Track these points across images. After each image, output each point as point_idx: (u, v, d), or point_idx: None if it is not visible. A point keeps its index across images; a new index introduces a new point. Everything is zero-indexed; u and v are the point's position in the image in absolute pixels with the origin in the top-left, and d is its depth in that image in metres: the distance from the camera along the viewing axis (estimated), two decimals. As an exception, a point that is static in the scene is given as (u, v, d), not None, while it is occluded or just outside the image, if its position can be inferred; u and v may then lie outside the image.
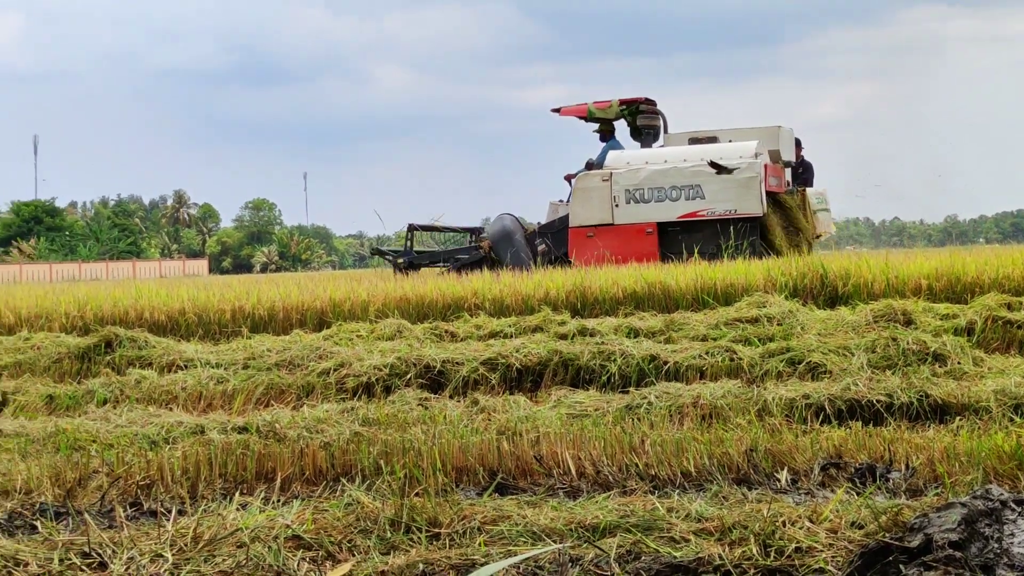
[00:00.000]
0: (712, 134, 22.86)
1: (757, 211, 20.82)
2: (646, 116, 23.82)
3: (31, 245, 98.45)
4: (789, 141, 22.95)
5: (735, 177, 20.78)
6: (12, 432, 7.30)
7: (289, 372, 9.71)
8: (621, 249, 20.91)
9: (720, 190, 20.98)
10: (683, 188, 21.29)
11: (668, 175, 21.41)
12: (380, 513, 4.47)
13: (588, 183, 22.00)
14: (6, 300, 15.44)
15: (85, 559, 4.02)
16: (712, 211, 21.06)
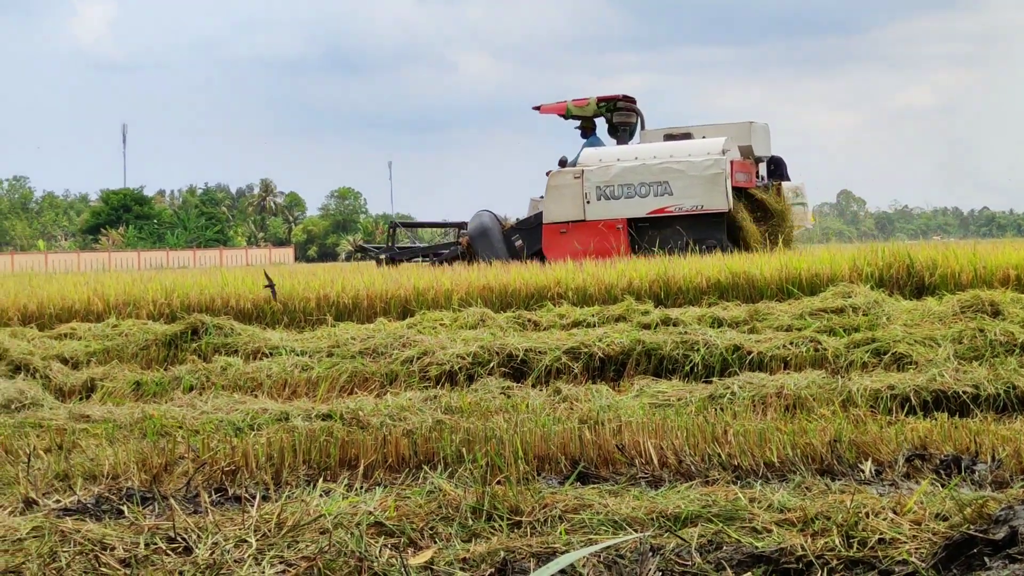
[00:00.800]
0: (687, 130, 23.44)
1: (723, 207, 21.25)
2: (622, 113, 24.49)
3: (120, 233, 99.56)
4: (763, 136, 23.35)
5: (701, 173, 21.20)
6: (100, 418, 7.39)
7: (373, 360, 9.76)
8: (593, 244, 21.65)
9: (687, 186, 21.49)
10: (652, 185, 21.82)
11: (637, 172, 21.97)
12: (462, 500, 4.49)
13: (561, 180, 22.55)
14: (95, 288, 15.63)
15: (170, 543, 4.06)
16: (680, 207, 21.53)
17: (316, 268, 25.31)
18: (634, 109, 24.74)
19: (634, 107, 24.75)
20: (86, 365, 10.63)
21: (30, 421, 7.37)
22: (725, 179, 21.25)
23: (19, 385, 8.58)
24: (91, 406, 8.08)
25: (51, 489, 5.39)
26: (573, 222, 22.41)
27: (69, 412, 7.69)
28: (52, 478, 5.61)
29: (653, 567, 3.88)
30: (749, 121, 23.03)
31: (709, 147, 21.74)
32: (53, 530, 4.12)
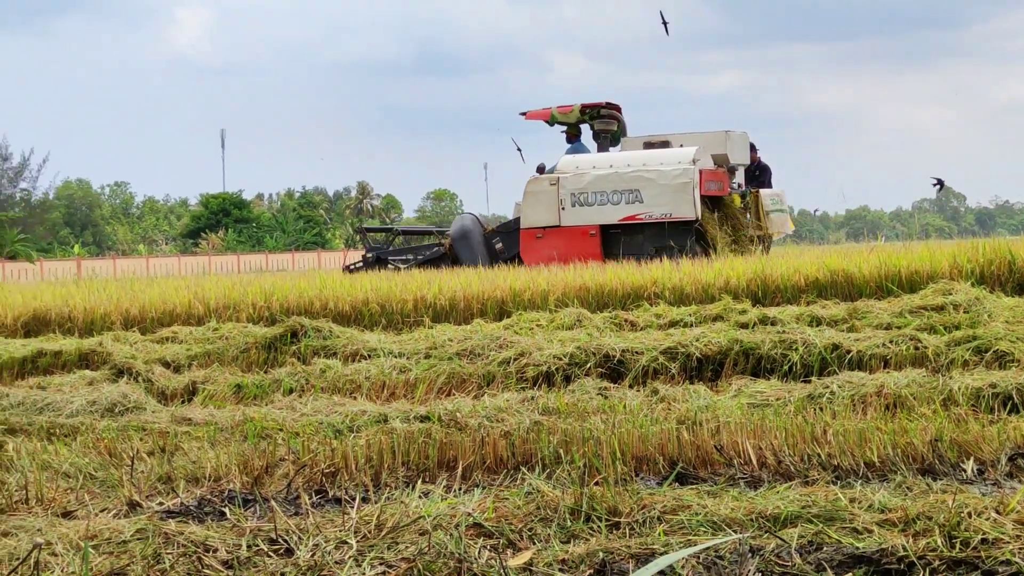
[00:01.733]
0: (665, 138, 23.68)
1: (691, 215, 21.73)
2: (603, 120, 24.86)
3: (219, 237, 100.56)
4: (740, 145, 23.71)
5: (670, 182, 21.78)
6: (202, 420, 7.47)
7: (470, 361, 9.78)
8: (567, 250, 21.94)
9: (656, 195, 22.01)
10: (624, 192, 22.34)
11: (610, 180, 22.45)
12: (560, 502, 4.49)
13: (538, 187, 23.10)
14: (196, 291, 15.81)
15: (272, 545, 4.10)
16: (650, 214, 22.10)
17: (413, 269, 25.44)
18: (616, 116, 25.04)
19: (617, 114, 25.08)
20: (187, 368, 10.75)
21: (133, 424, 7.47)
22: (693, 188, 21.75)
23: (122, 389, 8.70)
24: (193, 409, 8.17)
25: (154, 492, 5.46)
26: (549, 227, 23.01)
27: (171, 415, 7.78)
28: (155, 481, 5.68)
29: (753, 568, 3.86)
30: (726, 130, 23.28)
31: (680, 156, 22.27)
32: (157, 532, 4.17)
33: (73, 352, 11.51)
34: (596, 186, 22.56)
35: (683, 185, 21.77)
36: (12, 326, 15.29)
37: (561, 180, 22.90)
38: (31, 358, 11.66)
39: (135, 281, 20.82)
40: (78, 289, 17.91)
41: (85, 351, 11.48)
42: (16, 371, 11.45)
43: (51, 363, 11.46)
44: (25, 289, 19.14)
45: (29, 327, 15.28)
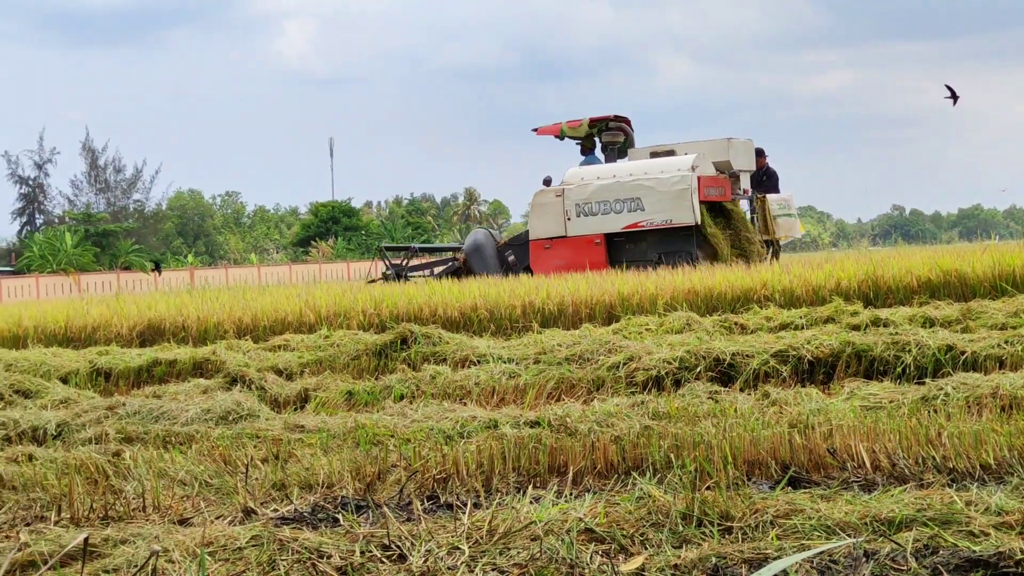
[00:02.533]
0: (671, 148, 24.18)
1: (690, 220, 22.23)
2: (610, 133, 25.51)
3: (329, 245, 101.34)
4: (744, 151, 24.21)
5: (669, 189, 22.37)
6: (314, 427, 7.54)
7: (579, 366, 9.78)
8: (574, 259, 22.69)
9: (657, 202, 22.57)
10: (625, 201, 22.96)
11: (612, 189, 23.09)
12: (671, 507, 4.48)
13: (544, 199, 23.87)
14: (307, 299, 15.95)
15: (385, 551, 4.13)
16: (651, 221, 22.65)
17: (521, 275, 25.53)
18: (623, 128, 25.62)
19: (622, 126, 25.64)
20: (299, 376, 10.84)
21: (247, 432, 7.55)
22: (692, 194, 22.23)
23: (236, 396, 8.79)
24: (305, 416, 8.25)
25: (268, 498, 5.52)
26: (556, 238, 23.68)
27: (284, 422, 7.85)
28: (269, 487, 5.74)
29: (867, 572, 3.82)
30: (728, 138, 23.82)
31: (679, 164, 22.74)
32: (271, 539, 4.22)
33: (187, 361, 11.66)
34: (599, 196, 23.18)
35: (682, 192, 22.30)
36: (128, 336, 15.53)
37: (566, 191, 23.54)
38: (147, 367, 11.84)
39: (247, 290, 21.06)
40: (191, 299, 18.14)
41: (199, 360, 11.63)
42: (132, 380, 11.63)
43: (166, 372, 11.62)
44: (140, 299, 19.42)
45: (144, 337, 15.51)
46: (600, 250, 23.01)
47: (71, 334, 16.26)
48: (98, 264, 76.33)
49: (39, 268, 72.65)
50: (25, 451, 6.98)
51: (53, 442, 7.79)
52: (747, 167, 24.24)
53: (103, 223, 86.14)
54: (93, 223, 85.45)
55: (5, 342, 16.59)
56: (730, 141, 23.79)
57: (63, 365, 12.18)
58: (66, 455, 6.80)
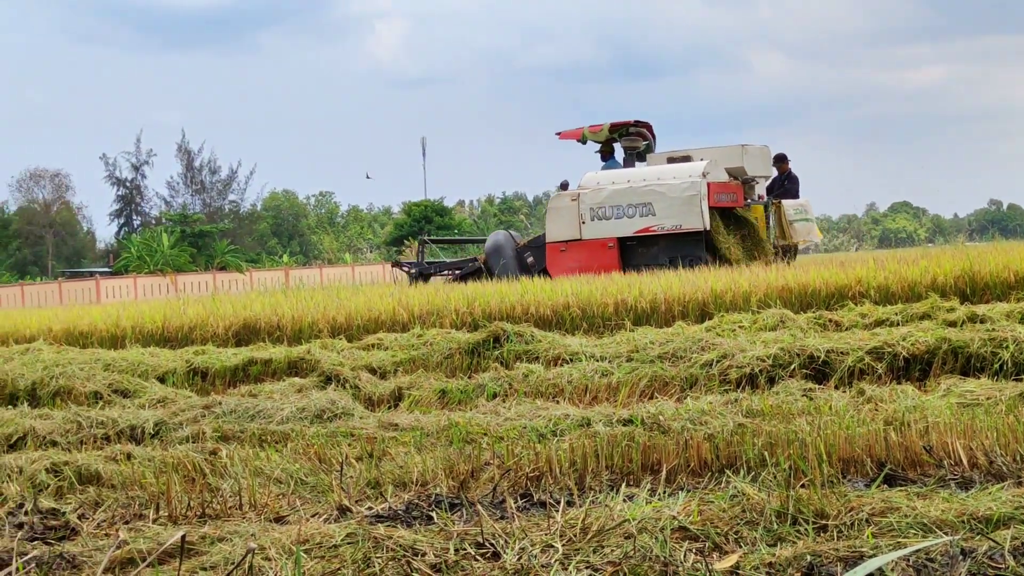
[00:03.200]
0: (687, 153, 24.83)
1: (699, 226, 22.72)
2: (630, 138, 26.12)
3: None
4: (760, 158, 24.71)
5: (680, 195, 22.87)
6: (408, 426, 7.57)
7: (672, 364, 9.74)
8: (588, 262, 23.32)
9: (667, 207, 23.11)
10: (638, 206, 23.47)
11: (625, 194, 23.59)
12: (766, 505, 4.46)
13: (560, 203, 24.50)
14: (400, 298, 16.03)
15: (479, 549, 4.15)
16: (662, 226, 23.17)
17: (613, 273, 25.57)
18: (643, 134, 26.15)
19: (642, 131, 26.17)
20: (393, 374, 10.89)
21: (341, 430, 7.60)
22: (701, 200, 22.69)
23: (330, 395, 8.85)
24: (399, 414, 8.29)
25: (363, 496, 5.55)
26: (571, 241, 24.24)
27: (378, 421, 7.90)
28: (364, 485, 5.78)
29: (964, 571, 3.78)
30: (743, 144, 24.31)
31: (690, 170, 23.22)
32: (366, 537, 4.24)
33: (282, 360, 11.76)
34: (613, 200, 23.69)
35: (691, 197, 22.73)
36: (224, 336, 15.69)
37: (581, 196, 24.04)
38: (242, 366, 11.95)
39: (341, 289, 21.20)
40: (286, 298, 18.29)
41: (294, 359, 11.72)
42: (228, 379, 11.75)
43: (261, 371, 11.72)
44: (236, 299, 19.61)
45: (240, 336, 15.66)
46: (613, 253, 23.64)
47: (168, 334, 16.46)
48: (194, 264, 77.22)
49: (137, 269, 73.61)
50: (124, 450, 7.07)
51: (151, 441, 7.89)
52: (762, 173, 24.73)
53: (199, 224, 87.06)
54: (189, 224, 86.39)
55: (104, 342, 16.83)
56: (744, 148, 24.28)
57: (160, 365, 12.33)
58: (164, 454, 6.88)
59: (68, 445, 7.85)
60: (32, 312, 24.32)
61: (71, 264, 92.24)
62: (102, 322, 17.79)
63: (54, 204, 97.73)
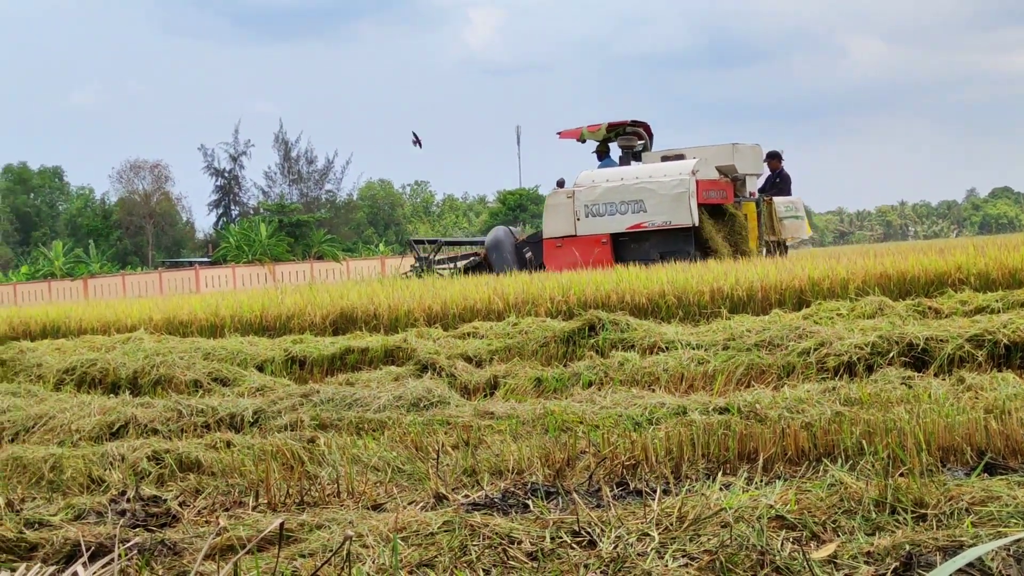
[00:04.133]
0: (680, 152, 25.76)
1: (688, 222, 23.50)
2: (626, 137, 26.96)
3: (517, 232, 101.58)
4: (751, 156, 25.56)
5: (669, 192, 23.67)
6: (504, 414, 7.59)
7: (769, 352, 9.69)
8: (583, 257, 24.19)
9: (657, 204, 23.93)
10: (630, 203, 24.30)
11: (618, 191, 24.45)
12: (864, 494, 4.43)
13: (556, 200, 25.34)
14: (495, 287, 16.06)
15: (575, 537, 4.15)
16: (652, 222, 23.96)
17: (710, 261, 25.48)
18: (639, 133, 27.15)
19: (638, 131, 27.19)
20: (489, 363, 10.92)
21: (438, 418, 7.63)
22: (690, 197, 23.48)
23: (426, 383, 8.89)
24: (494, 403, 8.30)
25: (459, 484, 5.58)
26: (566, 237, 25.09)
27: (474, 409, 7.92)
28: (460, 473, 5.81)
29: (1067, 562, 3.74)
30: (734, 143, 25.24)
31: (680, 168, 24.06)
32: (463, 524, 4.26)
33: (379, 349, 11.83)
34: (606, 198, 24.53)
35: (680, 194, 23.52)
36: (321, 324, 15.82)
37: (576, 193, 24.91)
38: (339, 355, 12.04)
39: (437, 278, 21.29)
40: (382, 288, 18.39)
41: (390, 347, 11.79)
42: (326, 368, 11.85)
43: (358, 360, 11.80)
44: (333, 289, 19.75)
45: (337, 325, 15.78)
46: (607, 249, 24.45)
47: (266, 323, 16.61)
48: (291, 254, 77.83)
49: (235, 258, 74.31)
50: (223, 438, 7.15)
51: (250, 429, 7.97)
52: (753, 171, 25.57)
53: (296, 213, 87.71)
54: (286, 213, 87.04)
55: (204, 331, 17.02)
56: (735, 146, 25.18)
57: (259, 353, 12.45)
58: (263, 441, 6.95)
59: (169, 433, 7.95)
60: (133, 302, 24.63)
61: (171, 254, 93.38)
62: (202, 311, 18.00)
63: (154, 195, 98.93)
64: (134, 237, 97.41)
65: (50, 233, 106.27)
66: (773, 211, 25.21)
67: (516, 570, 3.94)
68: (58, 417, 8.67)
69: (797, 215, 25.91)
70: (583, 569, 3.87)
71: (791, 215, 25.61)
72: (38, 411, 8.97)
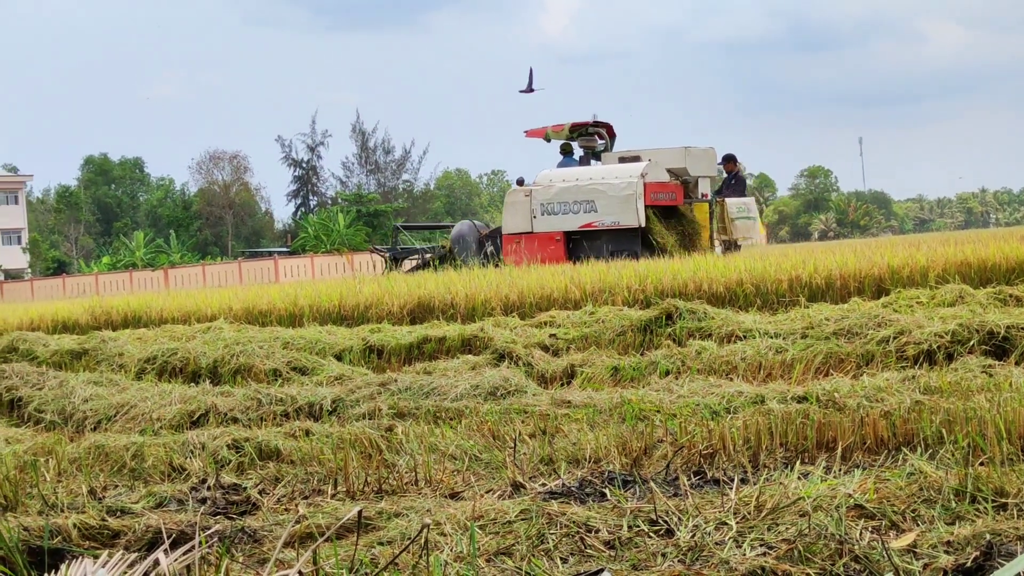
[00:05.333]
0: (637, 153, 27.01)
1: (634, 223, 24.83)
2: (587, 138, 28.31)
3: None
4: (703, 159, 26.84)
5: (618, 194, 25.00)
6: (580, 403, 7.59)
7: (847, 340, 9.62)
8: (538, 253, 25.37)
9: (607, 204, 25.27)
10: (583, 203, 25.66)
11: (571, 192, 25.86)
12: (943, 483, 4.40)
13: (515, 198, 26.82)
14: (572, 276, 16.06)
15: (652, 526, 4.15)
16: (602, 222, 25.33)
17: (787, 249, 25.33)
18: (600, 134, 28.46)
19: (602, 132, 28.50)
20: (565, 352, 10.92)
21: (515, 407, 7.65)
22: (637, 199, 24.79)
23: (503, 372, 8.91)
24: (571, 392, 8.31)
25: (536, 473, 5.59)
26: (524, 233, 26.48)
27: (551, 398, 7.92)
28: (537, 462, 5.82)
29: None
30: (686, 147, 26.61)
31: (630, 171, 25.37)
32: (540, 513, 4.28)
33: (456, 338, 11.86)
34: (561, 197, 25.94)
35: (628, 196, 24.85)
36: (399, 314, 15.88)
37: (533, 192, 26.40)
38: (417, 344, 12.08)
39: (513, 267, 21.33)
40: (459, 277, 18.43)
41: (467, 337, 11.81)
42: (403, 357, 11.89)
43: (436, 349, 11.84)
44: (410, 278, 19.83)
45: (414, 314, 15.83)
46: (560, 246, 25.81)
47: (344, 312, 16.71)
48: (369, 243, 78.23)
49: (313, 248, 74.70)
50: (302, 426, 7.20)
51: (329, 417, 8.02)
52: (706, 173, 26.88)
53: (374, 203, 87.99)
54: (364, 203, 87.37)
55: (283, 320, 17.15)
56: (687, 149, 26.51)
57: (337, 343, 12.52)
58: (341, 430, 6.99)
59: (248, 422, 8.02)
60: (213, 291, 24.85)
61: (250, 244, 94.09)
62: (280, 301, 18.13)
63: (233, 185, 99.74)
64: (214, 227, 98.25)
65: (131, 223, 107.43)
66: (726, 212, 26.27)
67: (593, 558, 3.95)
68: (140, 406, 8.78)
69: (749, 216, 27.06)
70: (660, 558, 3.87)
71: (743, 216, 26.74)
72: (120, 400, 9.09)
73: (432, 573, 3.77)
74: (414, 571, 3.82)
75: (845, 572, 3.70)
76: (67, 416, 9.21)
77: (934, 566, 3.71)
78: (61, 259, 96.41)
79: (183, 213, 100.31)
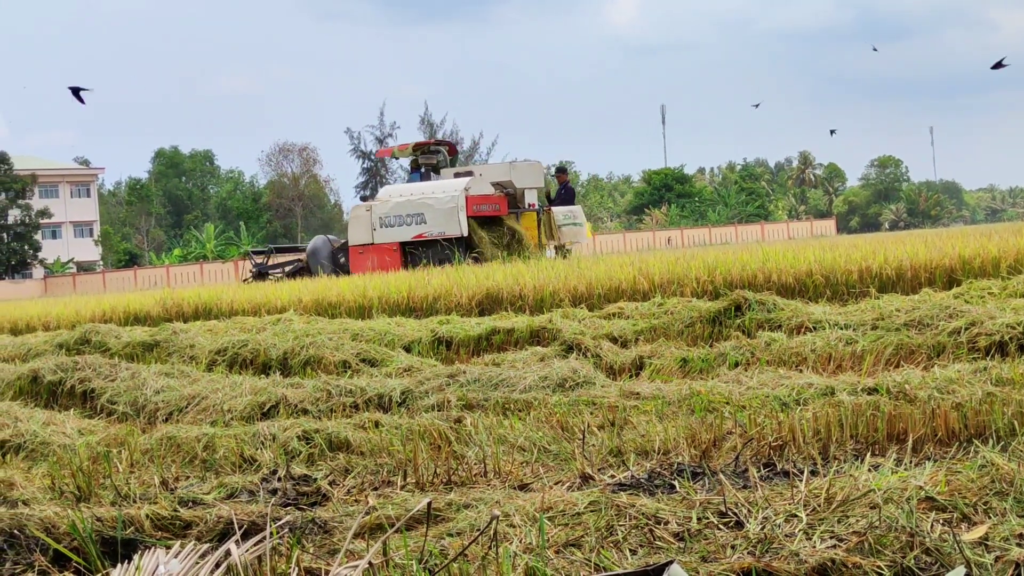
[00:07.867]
0: (470, 169, 30.76)
1: (457, 232, 27.86)
2: (426, 156, 31.65)
3: (663, 212, 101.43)
4: (529, 172, 29.98)
5: (443, 207, 28.01)
6: (649, 394, 7.58)
7: (918, 332, 9.55)
8: (379, 262, 28.47)
9: (434, 217, 28.27)
10: (414, 216, 28.62)
11: (405, 206, 28.88)
12: (1016, 475, 4.36)
13: (359, 212, 30.09)
14: (640, 267, 16.03)
15: (722, 518, 4.15)
16: (431, 233, 28.32)
17: (857, 239, 25.14)
18: (441, 151, 31.95)
19: (442, 150, 32.08)
20: (634, 343, 10.90)
21: (583, 399, 7.65)
22: (460, 211, 27.78)
23: (572, 364, 8.91)
24: (640, 383, 8.29)
25: (605, 465, 5.60)
26: (366, 245, 29.57)
27: (619, 389, 7.92)
28: (606, 454, 5.82)
29: None
30: (511, 161, 30.31)
31: (455, 186, 28.48)
32: (609, 504, 4.28)
33: (524, 329, 11.87)
34: (396, 211, 28.94)
35: (451, 209, 27.83)
36: (467, 305, 15.92)
37: (373, 207, 29.57)
38: (485, 336, 12.10)
39: (581, 259, 21.33)
40: (528, 268, 18.45)
41: (536, 328, 11.82)
42: (472, 348, 11.92)
43: (504, 340, 11.85)
44: (479, 270, 19.87)
45: (483, 306, 15.87)
46: (397, 255, 28.64)
47: (413, 304, 16.77)
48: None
49: (382, 240, 74.89)
50: (372, 418, 7.23)
51: (398, 409, 8.05)
52: (533, 185, 29.99)
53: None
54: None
55: (352, 312, 17.24)
56: (512, 164, 30.02)
57: (406, 334, 12.56)
58: (410, 422, 7.02)
59: (318, 413, 8.06)
60: (283, 284, 25.02)
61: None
62: (350, 293, 18.22)
63: (302, 177, 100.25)
64: (283, 219, 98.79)
65: (201, 216, 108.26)
66: (552, 220, 29.47)
67: (663, 550, 3.95)
68: (210, 397, 8.85)
69: (576, 222, 30.22)
70: (730, 550, 3.87)
71: (569, 222, 29.94)
72: (191, 391, 9.17)
73: (501, 564, 3.78)
74: (483, 562, 3.83)
75: (916, 564, 3.68)
76: (139, 407, 9.30)
77: (1006, 559, 3.68)
78: (132, 251, 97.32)
79: (252, 205, 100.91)
